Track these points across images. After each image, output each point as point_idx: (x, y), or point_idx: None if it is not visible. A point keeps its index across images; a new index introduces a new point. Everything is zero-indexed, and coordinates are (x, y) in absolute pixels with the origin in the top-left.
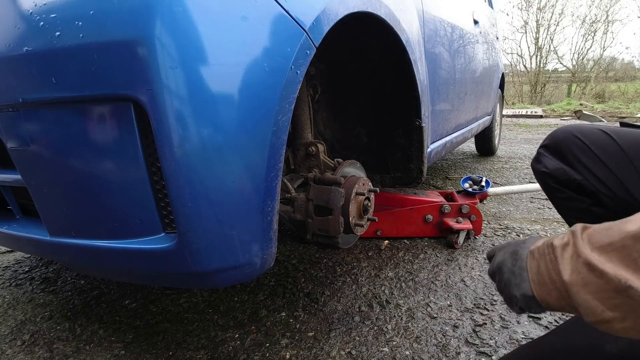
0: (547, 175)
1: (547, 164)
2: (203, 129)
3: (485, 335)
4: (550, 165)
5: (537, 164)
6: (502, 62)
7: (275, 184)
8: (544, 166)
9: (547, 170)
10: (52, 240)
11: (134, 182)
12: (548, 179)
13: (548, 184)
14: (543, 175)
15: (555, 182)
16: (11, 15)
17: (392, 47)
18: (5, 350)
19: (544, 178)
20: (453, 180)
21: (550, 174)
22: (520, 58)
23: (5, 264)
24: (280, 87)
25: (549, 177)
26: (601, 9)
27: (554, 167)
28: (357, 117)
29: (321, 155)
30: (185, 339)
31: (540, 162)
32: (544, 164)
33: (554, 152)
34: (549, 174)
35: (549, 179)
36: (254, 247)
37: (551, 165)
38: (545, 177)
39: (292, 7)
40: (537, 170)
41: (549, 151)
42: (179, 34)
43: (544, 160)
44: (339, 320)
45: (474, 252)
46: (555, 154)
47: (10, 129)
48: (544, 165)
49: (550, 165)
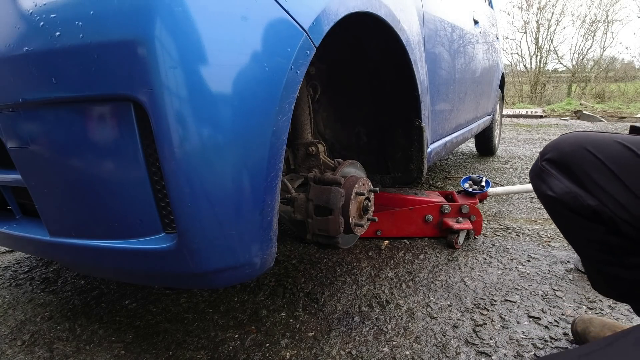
0: (555, 201)
1: (553, 186)
2: (203, 129)
3: (485, 335)
4: (559, 189)
5: (540, 183)
6: (502, 62)
7: (275, 184)
8: (549, 189)
9: (554, 195)
10: (52, 240)
11: (134, 182)
12: (555, 205)
13: (555, 210)
14: (549, 200)
15: (564, 207)
16: (11, 15)
17: (392, 47)
18: (5, 351)
19: (550, 203)
20: (453, 180)
21: (559, 200)
22: (520, 58)
23: (5, 264)
24: (280, 87)
25: (557, 203)
26: (601, 9)
27: (563, 191)
28: (357, 117)
29: (321, 155)
30: (185, 339)
31: (544, 182)
32: (549, 186)
33: (562, 169)
34: (557, 200)
35: (556, 205)
36: (253, 247)
37: (559, 189)
38: (552, 202)
39: (292, 7)
40: (541, 192)
41: (555, 167)
42: (178, 34)
43: (549, 180)
44: (339, 320)
45: (474, 252)
46: (564, 171)
47: (10, 129)
48: (549, 187)
49: (558, 189)
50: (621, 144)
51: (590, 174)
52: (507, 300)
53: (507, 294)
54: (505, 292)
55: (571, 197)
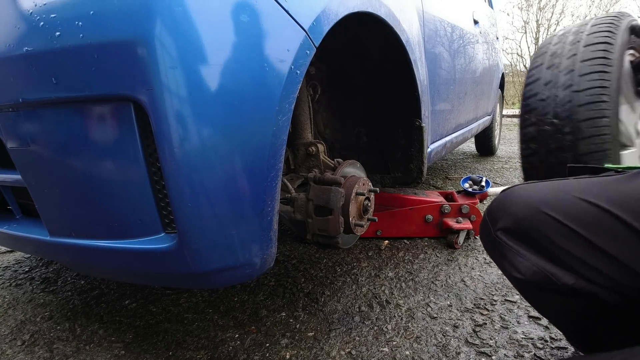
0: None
1: (519, 265)
2: (203, 128)
3: (485, 335)
4: (526, 269)
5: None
6: (502, 62)
7: (275, 184)
8: (515, 269)
9: (523, 278)
10: (52, 240)
11: (134, 182)
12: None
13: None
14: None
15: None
16: (11, 15)
17: (392, 47)
18: (5, 351)
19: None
20: (453, 180)
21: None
22: (520, 58)
23: (5, 264)
24: (280, 87)
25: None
26: (601, 9)
27: (532, 271)
28: (357, 117)
29: (321, 155)
30: (185, 339)
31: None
32: (513, 265)
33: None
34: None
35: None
36: (253, 247)
37: (527, 269)
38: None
39: (292, 7)
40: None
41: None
42: (178, 34)
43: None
44: (339, 320)
45: (474, 252)
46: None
47: (10, 129)
48: (514, 267)
49: (525, 270)
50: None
51: (557, 242)
52: (507, 300)
53: (507, 294)
54: (505, 292)
55: (543, 277)
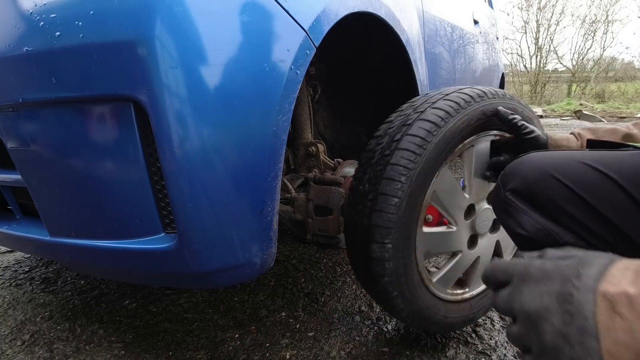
0: (527, 240)
1: (524, 223)
2: (203, 128)
3: (485, 335)
4: (530, 226)
5: (507, 218)
6: (502, 62)
7: (275, 184)
8: (520, 226)
9: (526, 234)
10: (52, 240)
11: (134, 182)
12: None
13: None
14: (520, 238)
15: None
16: (11, 15)
17: (393, 47)
18: (5, 351)
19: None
20: None
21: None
22: (520, 58)
23: (5, 264)
24: (280, 87)
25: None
26: (601, 9)
27: (535, 229)
28: (357, 117)
29: (321, 155)
30: (185, 339)
31: (512, 217)
32: (519, 223)
33: (530, 201)
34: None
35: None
36: (253, 247)
37: (531, 226)
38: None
39: (292, 7)
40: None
41: (522, 200)
42: (179, 34)
43: (518, 216)
44: (339, 320)
45: None
46: (532, 204)
47: (10, 129)
48: (519, 224)
49: (529, 226)
50: (588, 166)
51: (562, 205)
52: None
53: None
54: None
55: (545, 235)
